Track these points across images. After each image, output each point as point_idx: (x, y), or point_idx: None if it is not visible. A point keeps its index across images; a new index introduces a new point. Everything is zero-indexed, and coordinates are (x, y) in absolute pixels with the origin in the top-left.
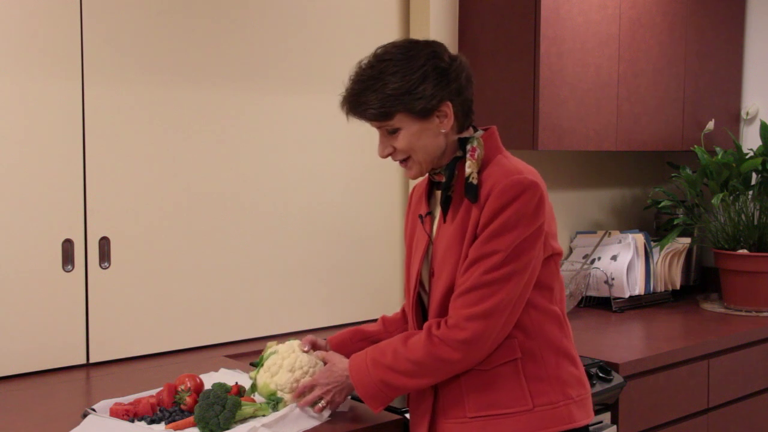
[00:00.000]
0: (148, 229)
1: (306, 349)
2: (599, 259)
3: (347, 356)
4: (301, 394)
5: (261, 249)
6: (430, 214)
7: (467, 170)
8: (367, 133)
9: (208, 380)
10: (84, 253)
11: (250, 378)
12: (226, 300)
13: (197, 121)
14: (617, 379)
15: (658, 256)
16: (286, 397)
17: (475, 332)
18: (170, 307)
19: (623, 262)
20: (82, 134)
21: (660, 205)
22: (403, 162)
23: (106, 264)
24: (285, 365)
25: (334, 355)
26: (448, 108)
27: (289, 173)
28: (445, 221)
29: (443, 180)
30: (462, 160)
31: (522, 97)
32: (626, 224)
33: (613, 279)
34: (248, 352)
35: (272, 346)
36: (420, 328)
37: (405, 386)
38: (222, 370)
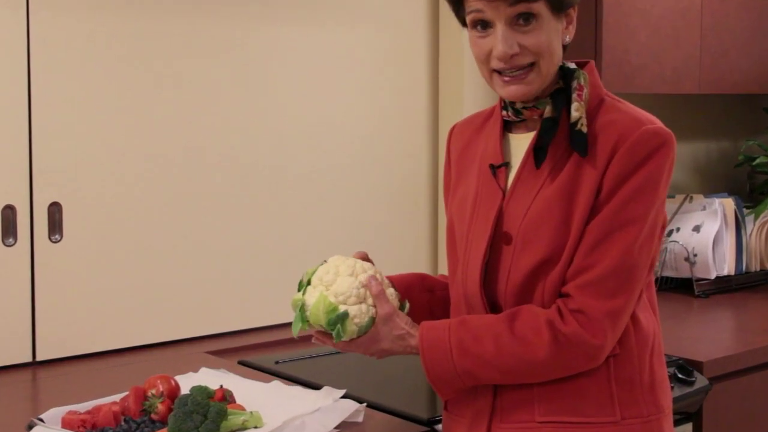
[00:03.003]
0: (110, 194)
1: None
2: (678, 230)
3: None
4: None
5: (254, 218)
6: (507, 165)
7: (574, 114)
8: (386, 74)
9: (186, 383)
10: (29, 223)
11: (294, 306)
12: (208, 283)
13: (175, 59)
14: (701, 381)
15: (752, 227)
16: (353, 309)
17: (613, 332)
18: (138, 292)
19: (708, 235)
20: (27, 74)
21: (755, 163)
22: (524, 71)
23: (57, 236)
24: (342, 270)
25: (394, 309)
26: (575, 12)
27: (291, 124)
28: (538, 167)
29: (540, 116)
30: (563, 95)
31: (581, 26)
32: (712, 186)
33: (695, 255)
34: (235, 348)
35: (315, 268)
36: (490, 308)
37: (494, 381)
38: (203, 370)
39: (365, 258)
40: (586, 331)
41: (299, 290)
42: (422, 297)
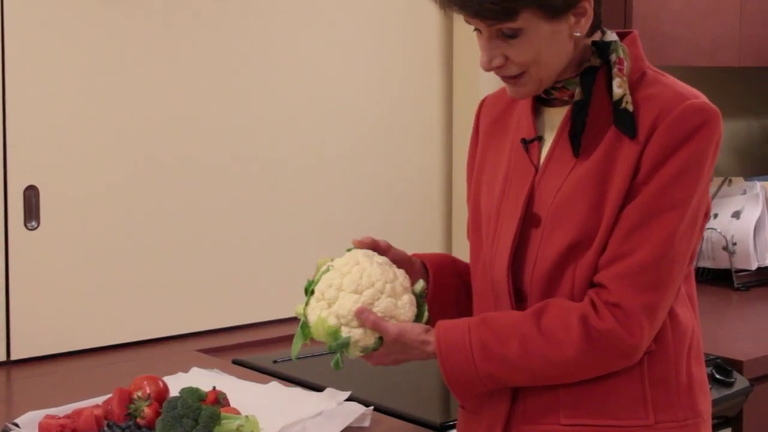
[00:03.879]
0: (92, 177)
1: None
2: (716, 216)
3: (439, 287)
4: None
5: (251, 206)
6: (540, 139)
7: (617, 90)
8: (395, 53)
9: (175, 384)
10: (3, 209)
11: (297, 315)
12: (200, 275)
13: (166, 37)
14: (741, 382)
15: None
16: (356, 334)
17: (651, 328)
18: (123, 285)
19: (749, 221)
20: (1, 47)
21: None
22: (514, 78)
23: (33, 223)
24: (346, 284)
25: (400, 331)
26: (589, 4)
27: (291, 107)
28: (578, 155)
29: (571, 97)
30: (598, 71)
31: None
32: (753, 168)
33: (734, 244)
34: (230, 346)
35: (325, 262)
36: (515, 296)
37: (518, 384)
38: (194, 370)
39: (374, 247)
40: (623, 328)
41: (306, 293)
42: (452, 281)
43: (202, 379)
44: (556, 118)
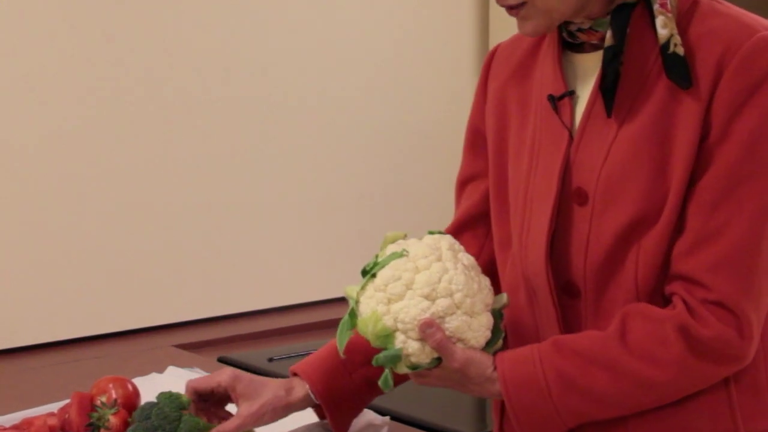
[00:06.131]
0: (43, 132)
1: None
2: None
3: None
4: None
5: (242, 171)
6: (572, 94)
7: (662, 32)
8: None
9: (149, 388)
10: None
11: (347, 297)
12: (178, 255)
13: None
14: None
15: None
16: (412, 347)
17: (759, 322)
18: (82, 266)
19: None
20: None
21: None
22: (515, 9)
23: None
24: (419, 284)
25: (466, 361)
26: None
27: (287, 55)
28: (609, 115)
29: (602, 41)
30: (634, 9)
31: None
32: None
33: None
34: (214, 340)
35: (396, 239)
36: (560, 290)
37: (605, 418)
38: (170, 370)
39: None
40: (732, 330)
41: (364, 274)
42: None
43: (181, 381)
44: (589, 66)
